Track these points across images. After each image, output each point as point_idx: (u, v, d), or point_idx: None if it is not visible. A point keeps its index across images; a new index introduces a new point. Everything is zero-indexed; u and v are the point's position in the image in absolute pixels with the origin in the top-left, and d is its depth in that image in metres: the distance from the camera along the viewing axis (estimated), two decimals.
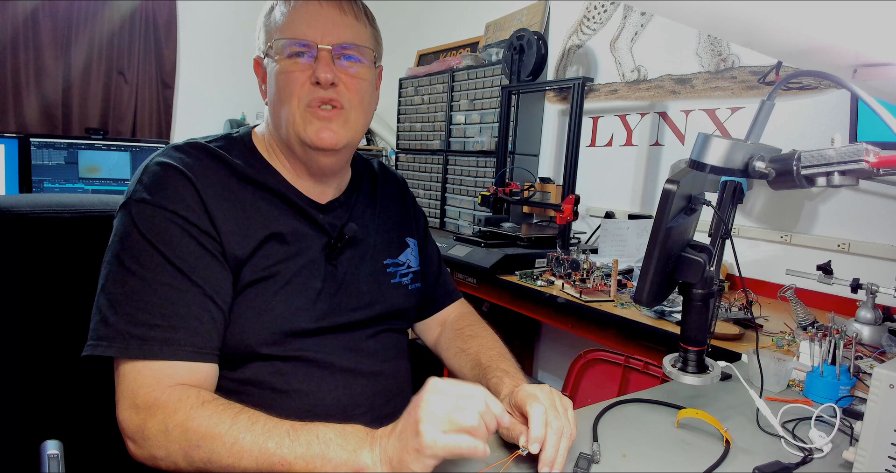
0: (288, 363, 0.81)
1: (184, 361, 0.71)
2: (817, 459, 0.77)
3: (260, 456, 0.62)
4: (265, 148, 0.89)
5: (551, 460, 0.67)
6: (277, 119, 0.85)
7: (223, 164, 0.83)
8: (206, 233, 0.76)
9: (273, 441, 0.62)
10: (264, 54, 0.86)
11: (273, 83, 0.84)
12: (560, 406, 0.72)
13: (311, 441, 0.62)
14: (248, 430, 0.64)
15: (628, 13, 2.25)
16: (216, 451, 0.63)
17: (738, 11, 0.59)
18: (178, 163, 0.79)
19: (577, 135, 2.04)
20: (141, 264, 0.73)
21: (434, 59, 3.28)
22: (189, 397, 0.68)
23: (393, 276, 0.97)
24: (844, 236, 1.64)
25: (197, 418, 0.65)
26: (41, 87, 3.04)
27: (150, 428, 0.66)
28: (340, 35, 0.83)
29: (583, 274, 1.66)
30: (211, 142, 0.86)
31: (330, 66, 0.82)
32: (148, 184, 0.77)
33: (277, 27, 0.83)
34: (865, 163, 0.62)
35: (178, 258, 0.74)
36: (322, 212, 0.89)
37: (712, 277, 0.79)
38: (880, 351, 1.19)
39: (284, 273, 0.82)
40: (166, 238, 0.74)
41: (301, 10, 0.82)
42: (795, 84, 1.73)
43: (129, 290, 0.72)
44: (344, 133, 0.84)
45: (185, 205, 0.76)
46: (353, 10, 0.85)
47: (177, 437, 0.65)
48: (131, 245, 0.74)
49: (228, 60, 3.56)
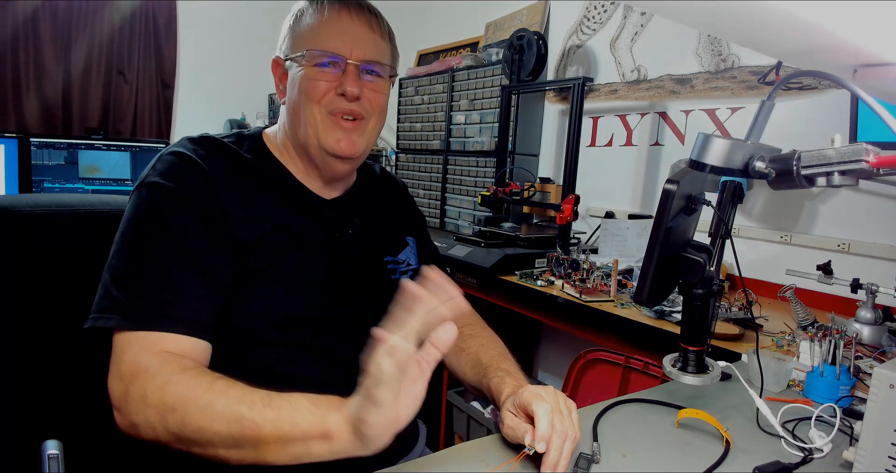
0: (291, 350, 0.83)
1: (176, 334, 0.73)
2: (817, 459, 0.77)
3: (231, 419, 0.63)
4: (276, 147, 0.93)
5: (555, 462, 0.67)
6: (296, 120, 0.88)
7: (234, 158, 0.86)
8: (213, 218, 0.79)
9: (245, 406, 0.63)
10: (286, 57, 0.89)
11: (296, 86, 0.87)
12: (564, 408, 0.72)
13: (282, 406, 0.63)
14: (222, 394, 0.65)
15: (628, 13, 2.25)
16: (189, 413, 0.64)
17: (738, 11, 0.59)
18: (192, 153, 0.82)
19: (577, 135, 2.03)
20: (147, 243, 0.76)
21: (434, 59, 3.28)
22: (171, 363, 0.69)
23: (393, 273, 0.99)
24: (844, 236, 1.64)
25: (175, 382, 0.66)
26: (41, 87, 3.04)
27: (132, 394, 0.67)
28: (368, 51, 0.87)
29: (583, 274, 1.66)
30: (224, 138, 0.90)
31: (357, 80, 0.87)
32: (161, 170, 0.80)
33: (307, 35, 0.87)
34: (865, 163, 0.62)
35: (182, 239, 0.76)
36: (326, 207, 0.92)
37: (712, 277, 0.79)
38: (880, 351, 1.19)
39: (289, 262, 0.84)
40: (173, 219, 0.77)
41: (334, 22, 0.86)
42: (795, 84, 1.73)
43: (132, 266, 0.75)
44: (361, 142, 0.89)
45: (196, 190, 0.79)
46: (380, 28, 0.90)
47: (154, 401, 0.66)
48: (140, 225, 0.77)
49: (228, 60, 3.56)
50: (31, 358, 0.87)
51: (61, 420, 0.88)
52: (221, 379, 0.68)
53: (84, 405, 0.88)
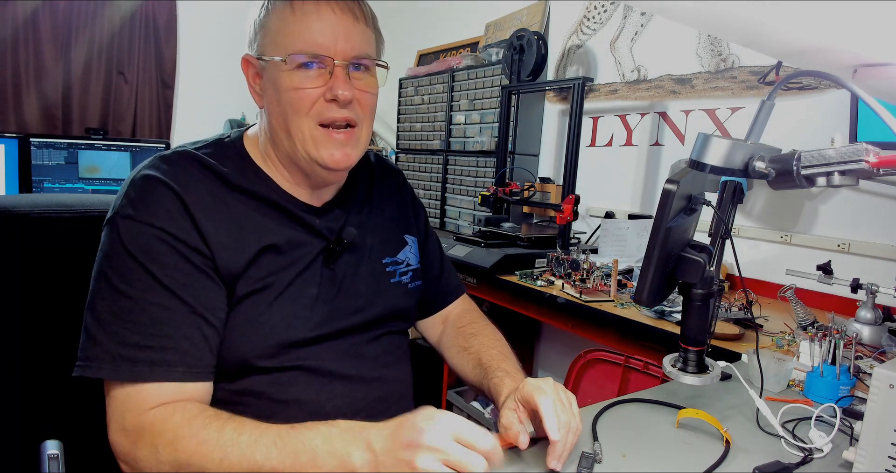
0: (286, 373, 0.80)
1: (174, 382, 0.71)
2: (817, 459, 0.77)
3: (251, 470, 0.62)
4: (259, 153, 0.86)
5: (560, 453, 0.68)
6: (281, 132, 0.81)
7: (213, 174, 0.80)
8: (194, 250, 0.74)
9: (260, 453, 0.63)
10: (259, 56, 0.81)
11: (279, 94, 0.79)
12: (565, 399, 0.73)
13: (297, 450, 0.63)
14: (234, 444, 0.64)
15: (628, 13, 2.25)
16: (206, 468, 0.63)
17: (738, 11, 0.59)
18: (165, 175, 0.76)
19: (577, 135, 2.03)
20: (128, 283, 0.71)
21: (434, 59, 3.28)
22: (174, 415, 0.67)
23: (392, 276, 0.95)
24: (844, 236, 1.64)
25: (184, 437, 0.65)
26: (41, 87, 3.04)
27: (141, 451, 0.66)
28: (355, 46, 0.79)
29: (583, 274, 1.66)
30: (200, 149, 0.83)
31: (348, 83, 0.78)
32: (134, 199, 0.74)
33: (283, 32, 0.77)
34: (865, 163, 0.62)
35: (166, 276, 0.72)
36: (318, 215, 0.87)
37: (712, 277, 0.79)
38: (880, 351, 1.19)
39: (279, 283, 0.80)
40: (153, 255, 0.72)
41: (313, 16, 0.77)
42: (795, 84, 1.73)
43: (117, 309, 0.71)
44: (356, 151, 0.84)
45: (173, 221, 0.73)
46: (363, 14, 0.81)
47: (167, 459, 0.65)
48: (118, 263, 0.72)
49: (228, 60, 3.52)
50: (31, 358, 0.87)
51: (61, 420, 0.88)
52: (229, 423, 0.66)
53: (84, 405, 0.88)
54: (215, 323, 0.75)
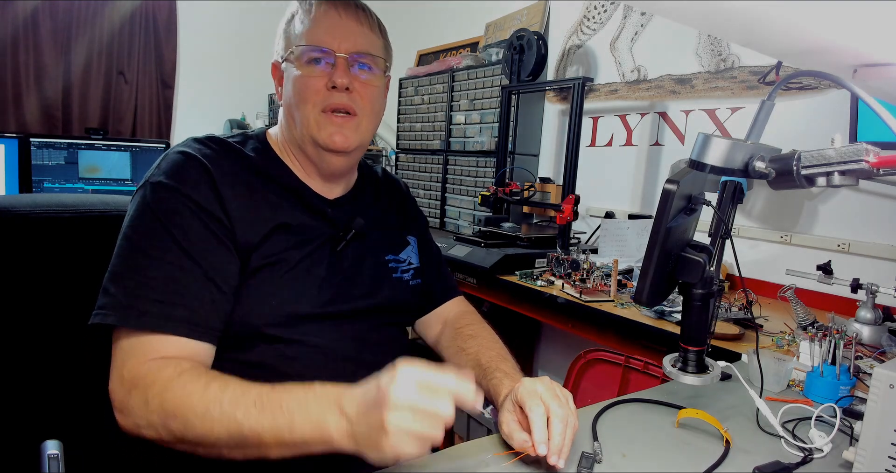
0: (292, 346, 0.83)
1: (177, 336, 0.73)
2: (817, 459, 0.77)
3: (230, 427, 0.64)
4: (279, 147, 0.94)
5: (559, 448, 0.68)
6: (292, 120, 0.90)
7: (239, 157, 0.87)
8: (216, 219, 0.79)
9: (240, 412, 0.64)
10: (283, 59, 0.91)
11: (291, 86, 0.88)
12: (562, 395, 0.74)
13: (276, 412, 0.63)
14: (216, 401, 0.65)
15: (628, 13, 2.25)
16: (190, 421, 0.65)
17: (738, 11, 0.59)
18: (197, 153, 0.83)
19: (577, 135, 2.03)
20: (149, 242, 0.76)
21: (434, 59, 3.28)
22: (167, 367, 0.70)
23: (394, 272, 1.00)
24: (844, 236, 1.64)
25: (172, 389, 0.67)
26: (41, 87, 3.04)
27: (133, 400, 0.68)
28: (356, 43, 0.88)
29: (583, 274, 1.66)
30: (229, 137, 0.91)
31: (346, 72, 0.87)
32: (166, 169, 0.81)
33: (298, 34, 0.88)
34: (865, 163, 0.62)
35: (185, 239, 0.76)
36: (330, 206, 0.93)
37: (712, 277, 0.79)
38: (880, 351, 1.19)
39: (290, 259, 0.85)
40: (176, 219, 0.77)
41: (322, 19, 0.87)
42: (795, 84, 1.73)
43: (134, 265, 0.75)
44: (355, 137, 0.89)
45: (200, 190, 0.79)
46: (369, 21, 0.90)
47: (155, 408, 0.67)
48: (142, 223, 0.77)
49: (228, 60, 3.56)
50: (31, 358, 0.87)
51: (61, 420, 0.88)
52: (215, 381, 0.68)
53: (84, 405, 0.88)
54: (226, 289, 0.79)
